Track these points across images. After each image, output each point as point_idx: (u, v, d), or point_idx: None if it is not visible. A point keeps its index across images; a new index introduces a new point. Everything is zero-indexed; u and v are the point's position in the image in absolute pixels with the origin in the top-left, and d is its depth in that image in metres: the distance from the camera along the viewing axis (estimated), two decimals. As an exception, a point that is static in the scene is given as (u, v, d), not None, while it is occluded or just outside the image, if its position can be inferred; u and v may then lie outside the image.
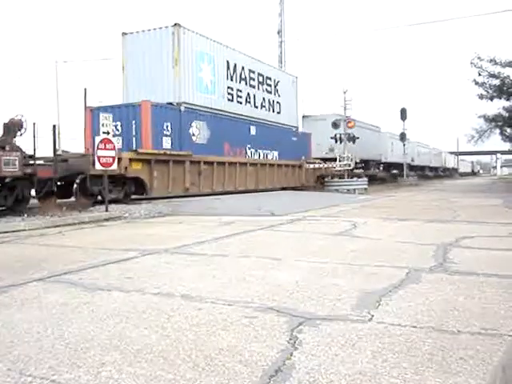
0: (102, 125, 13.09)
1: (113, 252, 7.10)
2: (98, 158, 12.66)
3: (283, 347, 3.15)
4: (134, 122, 18.39)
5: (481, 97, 36.81)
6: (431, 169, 76.73)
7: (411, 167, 59.53)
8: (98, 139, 12.79)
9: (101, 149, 12.71)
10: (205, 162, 20.28)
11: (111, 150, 12.95)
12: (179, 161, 18.92)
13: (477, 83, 36.12)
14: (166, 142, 18.97)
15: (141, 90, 20.04)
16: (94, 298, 4.45)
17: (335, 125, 31.07)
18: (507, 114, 41.46)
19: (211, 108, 22.11)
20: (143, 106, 18.30)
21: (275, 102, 28.32)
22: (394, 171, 54.97)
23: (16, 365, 2.94)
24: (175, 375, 2.76)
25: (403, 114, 46.31)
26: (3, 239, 8.77)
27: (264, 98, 27.19)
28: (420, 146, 65.55)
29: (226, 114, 23.35)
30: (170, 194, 18.59)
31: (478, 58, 34.91)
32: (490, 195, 22.86)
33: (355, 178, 30.36)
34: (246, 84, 25.44)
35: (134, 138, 18.40)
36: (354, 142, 31.70)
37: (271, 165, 26.19)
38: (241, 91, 24.86)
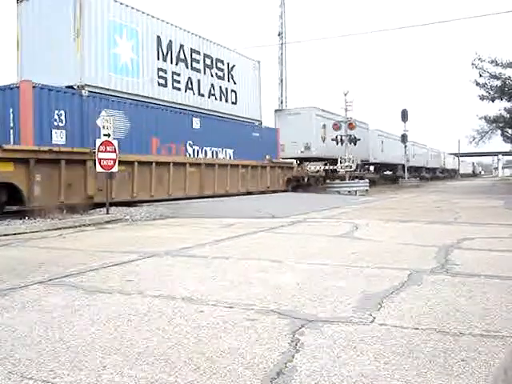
0: (103, 127, 13.08)
1: (114, 254, 7.10)
2: (99, 160, 12.67)
3: (285, 349, 3.14)
4: (11, 109, 14.26)
5: (482, 98, 36.86)
6: (428, 170, 73.63)
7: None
8: (98, 142, 12.78)
9: (101, 151, 12.72)
10: (120, 162, 13.97)
11: (112, 152, 12.96)
12: (77, 160, 14.16)
13: (478, 84, 36.19)
14: (58, 137, 14.55)
15: (37, 70, 15.90)
16: (94, 301, 4.44)
17: (336, 126, 31.01)
18: (508, 115, 41.50)
19: (133, 94, 18.02)
20: (22, 89, 14.04)
21: (229, 91, 23.99)
22: (387, 172, 53.02)
23: (17, 368, 2.93)
24: (176, 378, 2.75)
25: (404, 115, 46.25)
26: (4, 242, 8.76)
27: (213, 85, 22.73)
28: (416, 146, 62.43)
29: (157, 102, 19.09)
30: (68, 203, 13.68)
31: (479, 59, 34.99)
32: (491, 196, 22.85)
33: (356, 180, 30.36)
34: (188, 67, 21.00)
35: (11, 131, 14.27)
36: (355, 144, 31.69)
37: (222, 165, 21.34)
38: (179, 75, 20.43)
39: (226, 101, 23.81)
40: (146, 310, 4.10)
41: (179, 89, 20.47)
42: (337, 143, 31.11)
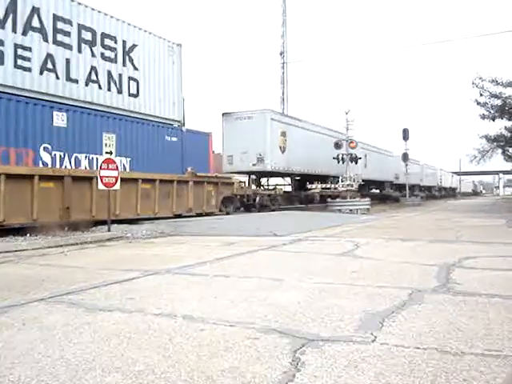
0: (105, 145, 13.13)
1: (114, 272, 7.09)
2: (101, 178, 12.71)
3: (286, 369, 3.13)
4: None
5: (483, 117, 36.95)
6: (422, 188, 67.52)
7: (394, 186, 53.97)
8: (100, 159, 12.84)
9: (104, 169, 12.76)
10: None
11: (114, 170, 13.00)
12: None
13: (478, 103, 36.30)
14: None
15: None
16: (95, 319, 4.43)
17: (337, 145, 31.08)
18: (509, 134, 41.56)
19: None
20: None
21: (125, 78, 18.11)
22: (374, 190, 48.69)
23: (16, 386, 2.92)
24: (177, 397, 2.74)
25: (405, 134, 46.38)
26: (5, 259, 8.76)
27: (96, 69, 16.88)
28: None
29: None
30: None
31: (480, 78, 35.14)
32: (492, 215, 22.82)
33: (357, 199, 30.32)
34: (47, 39, 15.22)
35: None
36: (356, 163, 31.73)
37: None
38: (28, 50, 14.65)
39: (120, 92, 17.91)
40: (147, 328, 4.08)
41: (29, 69, 14.65)
42: (338, 161, 31.13)
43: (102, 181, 12.74)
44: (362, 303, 4.91)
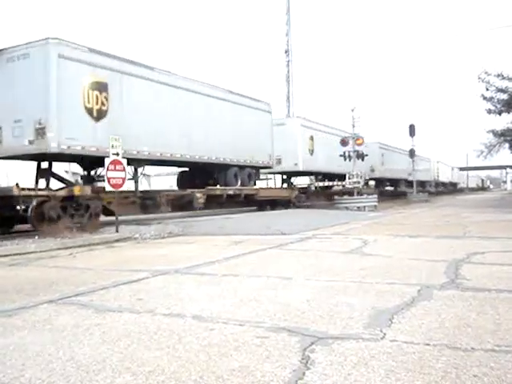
0: (112, 146, 13.17)
1: (123, 273, 7.11)
2: (108, 179, 12.75)
3: (295, 367, 3.13)
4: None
5: (489, 111, 36.75)
6: (411, 183, 51.56)
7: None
8: (107, 161, 12.87)
9: (111, 170, 12.80)
10: None
11: (121, 171, 13.05)
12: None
13: (485, 98, 36.09)
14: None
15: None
16: (104, 320, 4.45)
17: (344, 142, 30.96)
18: (516, 129, 41.34)
19: None
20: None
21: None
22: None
23: (28, 388, 2.94)
24: (187, 397, 2.75)
25: (412, 130, 46.18)
26: (14, 261, 8.80)
27: None
28: (389, 150, 47.02)
29: None
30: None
31: (486, 72, 34.92)
32: (500, 210, 22.71)
33: (365, 195, 30.22)
34: None
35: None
36: (362, 160, 31.58)
37: None
38: None
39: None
40: (156, 329, 4.10)
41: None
42: (344, 159, 31.02)
43: (109, 182, 12.78)
44: (371, 300, 4.90)
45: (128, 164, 14.57)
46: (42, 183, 15.85)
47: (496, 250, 8.42)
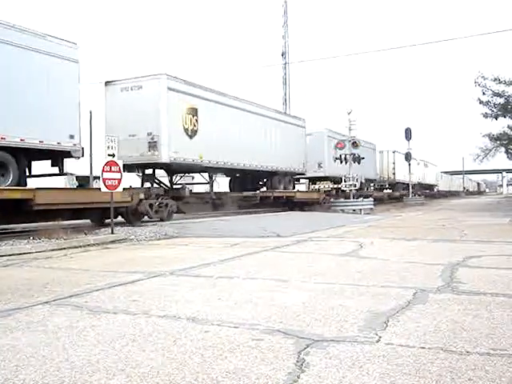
0: (108, 147, 13.15)
1: (118, 274, 7.09)
2: (103, 180, 12.72)
3: (290, 370, 3.12)
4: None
5: (485, 115, 36.83)
6: (382, 185, 47.04)
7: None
8: (103, 162, 12.84)
9: (106, 171, 12.77)
10: None
11: (117, 172, 13.02)
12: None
13: (481, 102, 36.16)
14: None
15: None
16: (99, 321, 4.43)
17: (340, 145, 30.94)
18: (512, 133, 41.48)
19: None
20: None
21: None
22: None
23: (21, 389, 2.92)
24: (181, 399, 2.73)
25: (408, 133, 46.25)
26: (9, 262, 8.77)
27: None
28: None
29: None
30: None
31: (482, 76, 34.98)
32: (496, 214, 22.76)
33: (361, 199, 30.25)
34: None
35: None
36: (359, 163, 31.57)
37: None
38: None
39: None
40: (151, 330, 4.08)
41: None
42: (341, 162, 31.02)
43: (104, 183, 12.74)
44: (367, 303, 4.90)
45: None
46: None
47: (492, 254, 8.44)
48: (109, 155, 13.05)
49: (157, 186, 20.02)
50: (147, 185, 19.84)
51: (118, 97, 18.59)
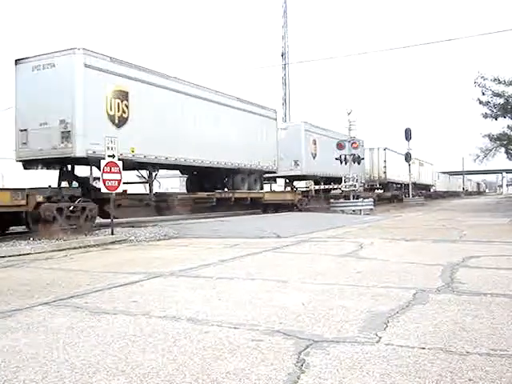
0: (108, 148, 13.14)
1: (118, 275, 7.09)
2: (103, 181, 12.71)
3: (291, 370, 3.13)
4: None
5: (485, 116, 36.80)
6: (373, 185, 42.60)
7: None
8: (103, 162, 12.83)
9: (106, 172, 12.77)
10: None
11: (117, 173, 13.01)
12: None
13: (481, 102, 36.13)
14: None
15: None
16: (99, 322, 4.44)
17: (340, 146, 30.89)
18: (512, 133, 41.47)
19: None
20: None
21: None
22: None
23: (22, 390, 2.92)
24: (182, 399, 2.73)
25: (407, 134, 46.21)
26: (9, 263, 8.77)
27: None
28: (326, 136, 32.78)
29: None
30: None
31: (482, 77, 34.95)
32: (496, 214, 22.76)
33: (361, 199, 30.20)
34: None
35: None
36: (359, 163, 31.53)
37: None
38: None
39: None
40: (151, 331, 4.08)
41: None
42: (341, 162, 30.97)
43: (104, 184, 12.74)
44: (367, 304, 4.90)
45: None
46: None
47: (491, 254, 8.44)
48: (109, 156, 13.04)
49: (76, 185, 16.42)
50: (65, 185, 16.33)
51: (30, 78, 14.95)
